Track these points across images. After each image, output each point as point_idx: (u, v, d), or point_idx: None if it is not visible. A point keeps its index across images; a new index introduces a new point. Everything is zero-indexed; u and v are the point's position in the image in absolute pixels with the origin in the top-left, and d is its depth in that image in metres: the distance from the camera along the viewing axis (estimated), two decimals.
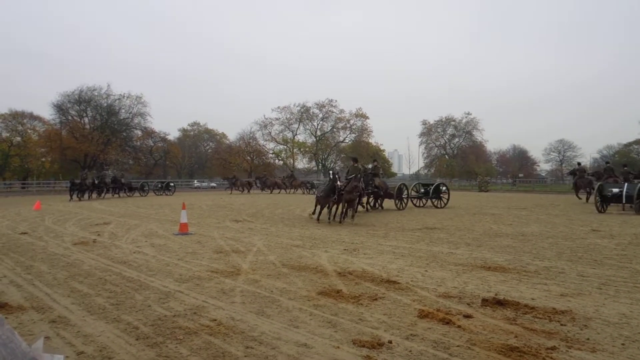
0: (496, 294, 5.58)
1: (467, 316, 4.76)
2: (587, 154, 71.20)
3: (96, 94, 61.58)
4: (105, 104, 62.57)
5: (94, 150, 58.54)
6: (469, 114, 74.91)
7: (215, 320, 4.67)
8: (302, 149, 75.65)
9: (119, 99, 62.94)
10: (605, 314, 4.85)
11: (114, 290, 5.92)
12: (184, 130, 79.24)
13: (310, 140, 75.98)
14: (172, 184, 43.10)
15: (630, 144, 62.66)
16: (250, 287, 6.06)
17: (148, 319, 4.73)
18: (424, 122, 76.70)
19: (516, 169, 78.23)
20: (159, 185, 41.77)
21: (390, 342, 4.02)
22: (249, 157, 69.96)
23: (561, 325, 4.49)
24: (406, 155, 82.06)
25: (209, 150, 78.84)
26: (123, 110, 64.04)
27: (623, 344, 3.96)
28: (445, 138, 76.67)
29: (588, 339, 4.09)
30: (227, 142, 76.28)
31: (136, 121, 65.05)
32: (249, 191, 42.17)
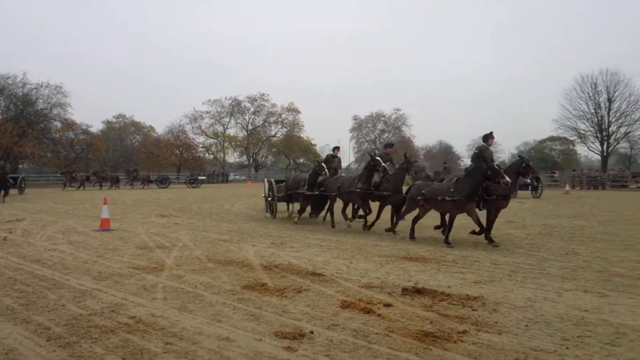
0: (416, 283, 5.81)
1: (387, 305, 4.92)
2: (507, 149, 74.95)
3: (10, 82, 57.37)
4: (20, 93, 58.44)
5: (7, 142, 54.59)
6: (398, 110, 76.87)
7: (135, 317, 4.54)
8: (233, 143, 74.57)
9: (36, 88, 58.95)
10: (512, 298, 5.20)
11: (24, 290, 5.59)
12: (108, 123, 75.64)
13: (242, 134, 75.06)
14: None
15: (544, 141, 66.96)
16: (174, 283, 5.93)
17: (61, 318, 4.52)
18: (355, 117, 77.92)
19: (441, 163, 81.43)
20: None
21: (312, 332, 4.09)
22: (178, 151, 68.04)
23: (473, 310, 4.76)
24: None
25: (136, 144, 75.83)
26: (41, 101, 60.04)
27: (526, 326, 4.27)
28: (375, 133, 78.28)
29: (496, 322, 4.37)
30: (156, 135, 73.70)
31: (55, 112, 61.15)
32: (84, 187, 36.76)
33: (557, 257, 7.70)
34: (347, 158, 74.21)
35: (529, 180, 21.63)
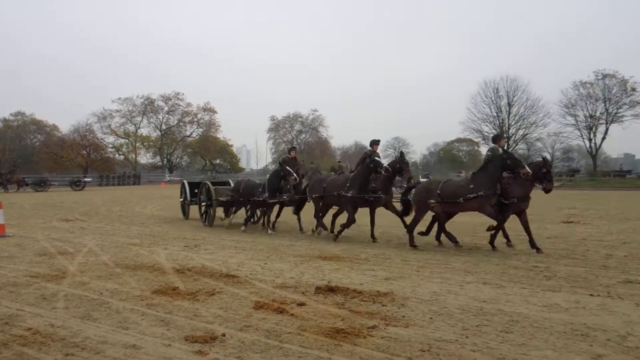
0: (329, 282, 5.92)
1: (301, 304, 4.97)
2: (418, 150, 78.45)
3: None
4: None
5: None
6: (315, 110, 77.81)
7: (31, 329, 4.23)
8: (145, 143, 71.65)
9: None
10: (420, 293, 5.45)
11: None
12: (5, 121, 69.73)
13: (155, 134, 72.36)
14: None
15: (452, 142, 71.00)
16: (77, 291, 5.60)
17: None
18: (272, 118, 77.88)
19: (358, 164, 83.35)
20: None
21: (223, 335, 4.04)
22: (84, 152, 64.19)
23: (382, 305, 4.93)
24: (254, 150, 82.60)
25: (37, 144, 70.48)
26: None
27: (431, 318, 4.49)
28: (292, 134, 78.70)
29: (404, 316, 4.56)
30: (60, 134, 68.95)
31: None
32: None
33: (461, 252, 8.18)
34: (265, 158, 73.85)
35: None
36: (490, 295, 5.35)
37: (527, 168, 7.88)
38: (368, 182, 9.60)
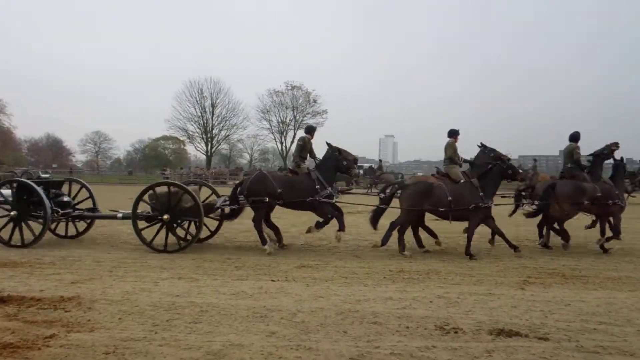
0: (0, 291, 5.08)
1: None
2: (122, 146, 74.45)
3: None
4: None
5: None
6: None
7: None
8: None
9: None
10: (110, 294, 5.17)
11: None
12: None
13: None
14: None
15: (158, 139, 69.45)
16: None
17: None
18: None
19: (50, 159, 74.00)
20: None
21: None
22: None
23: (66, 311, 4.50)
24: None
25: None
26: None
27: (120, 319, 4.32)
28: None
29: (89, 320, 4.26)
30: None
31: None
32: None
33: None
34: None
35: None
36: (184, 289, 5.47)
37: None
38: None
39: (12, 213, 8.22)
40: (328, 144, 8.59)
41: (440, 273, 6.61)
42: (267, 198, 8.11)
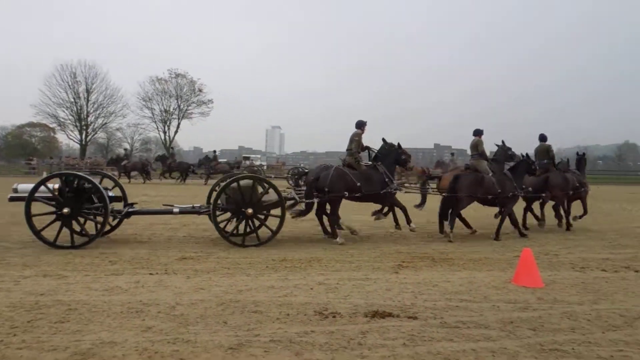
0: None
1: None
2: None
3: None
4: None
5: None
6: None
7: None
8: None
9: None
10: None
11: None
12: None
13: None
14: None
15: (23, 126, 62.75)
16: None
17: None
18: None
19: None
20: None
21: None
22: None
23: None
24: None
25: None
26: None
27: None
28: None
29: None
30: None
31: None
32: None
33: (19, 246, 7.40)
34: None
35: None
36: (50, 287, 5.05)
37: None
38: None
39: (64, 210, 7.29)
40: (384, 140, 9.41)
41: (321, 260, 6.81)
42: (346, 193, 8.54)
